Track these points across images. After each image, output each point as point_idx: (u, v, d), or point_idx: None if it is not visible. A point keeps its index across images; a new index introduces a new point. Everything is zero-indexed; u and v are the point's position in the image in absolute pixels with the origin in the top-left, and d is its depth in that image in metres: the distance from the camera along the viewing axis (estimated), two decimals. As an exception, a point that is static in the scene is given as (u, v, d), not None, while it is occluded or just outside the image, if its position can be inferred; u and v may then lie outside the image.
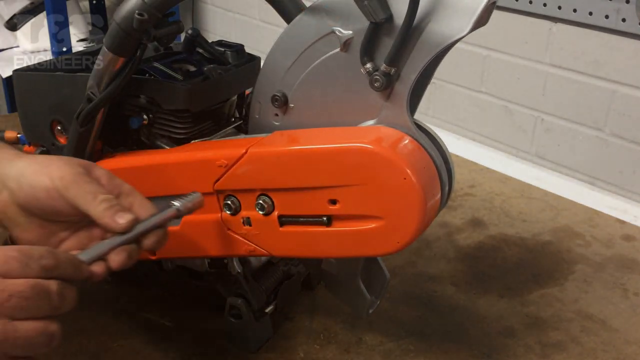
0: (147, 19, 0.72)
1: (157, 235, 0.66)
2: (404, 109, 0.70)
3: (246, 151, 0.74)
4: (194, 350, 0.92)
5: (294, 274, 0.97)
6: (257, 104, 0.80)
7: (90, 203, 0.63)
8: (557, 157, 1.54)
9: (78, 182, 0.64)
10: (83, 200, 0.63)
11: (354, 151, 0.68)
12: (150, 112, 0.85)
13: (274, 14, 0.79)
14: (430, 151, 0.70)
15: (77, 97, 0.83)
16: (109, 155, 0.90)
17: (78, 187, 0.64)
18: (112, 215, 0.63)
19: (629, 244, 1.21)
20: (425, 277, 1.10)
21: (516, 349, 0.94)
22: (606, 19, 1.33)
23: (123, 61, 0.78)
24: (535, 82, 1.52)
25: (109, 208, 0.63)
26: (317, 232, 0.74)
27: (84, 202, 0.63)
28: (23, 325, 0.54)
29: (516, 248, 1.20)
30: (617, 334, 0.97)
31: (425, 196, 0.66)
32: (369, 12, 0.66)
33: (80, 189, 0.64)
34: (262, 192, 0.75)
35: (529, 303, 1.04)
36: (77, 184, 0.64)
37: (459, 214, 1.30)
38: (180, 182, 0.81)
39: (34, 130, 0.94)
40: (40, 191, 0.64)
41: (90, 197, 0.63)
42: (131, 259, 0.63)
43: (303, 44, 0.74)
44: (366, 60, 0.69)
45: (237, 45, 0.92)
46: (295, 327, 0.97)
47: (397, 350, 0.93)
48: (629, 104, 1.38)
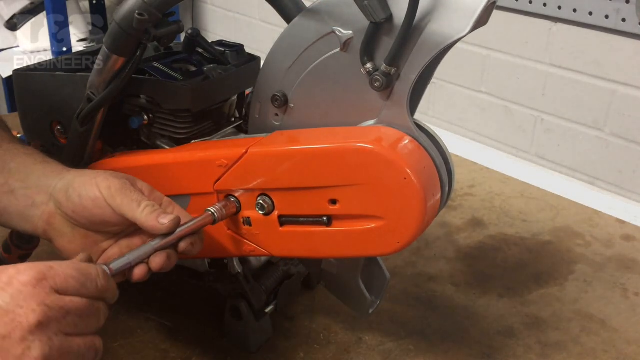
0: (147, 19, 0.72)
1: (193, 239, 0.70)
2: (404, 109, 0.70)
3: (246, 151, 0.74)
4: (194, 350, 0.92)
5: (294, 274, 0.96)
6: (257, 104, 0.80)
7: (136, 210, 0.67)
8: (557, 157, 1.54)
9: (124, 191, 0.68)
10: (129, 207, 0.68)
11: (354, 151, 0.68)
12: (150, 112, 0.85)
13: (274, 14, 0.79)
14: (431, 151, 0.70)
15: (77, 97, 0.83)
16: (109, 155, 0.90)
17: (124, 196, 0.68)
18: (156, 218, 0.67)
19: (629, 244, 1.21)
20: (425, 277, 1.10)
21: (516, 348, 0.94)
22: (606, 19, 1.33)
23: (123, 61, 0.78)
24: (535, 82, 1.52)
25: (152, 212, 0.67)
26: (317, 232, 0.74)
27: (130, 209, 0.67)
28: (76, 341, 0.57)
29: (516, 248, 1.20)
30: (617, 334, 0.97)
31: (426, 196, 0.66)
32: (369, 12, 0.66)
33: (126, 197, 0.68)
34: (262, 192, 0.75)
35: (529, 303, 1.04)
36: (123, 193, 0.68)
37: (459, 214, 1.30)
38: (181, 182, 0.81)
39: (34, 130, 0.93)
40: (88, 200, 0.69)
41: (135, 204, 0.68)
42: (170, 261, 0.68)
43: (303, 44, 0.74)
44: (366, 60, 0.69)
45: (237, 45, 0.92)
46: (295, 327, 0.97)
47: (397, 350, 0.93)
48: (629, 104, 1.38)
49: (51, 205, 0.72)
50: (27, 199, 0.72)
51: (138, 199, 0.68)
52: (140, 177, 0.83)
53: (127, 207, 0.68)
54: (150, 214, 0.67)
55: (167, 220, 0.67)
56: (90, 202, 0.69)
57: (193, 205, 0.81)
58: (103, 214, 0.69)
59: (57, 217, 0.72)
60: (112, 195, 0.68)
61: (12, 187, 0.73)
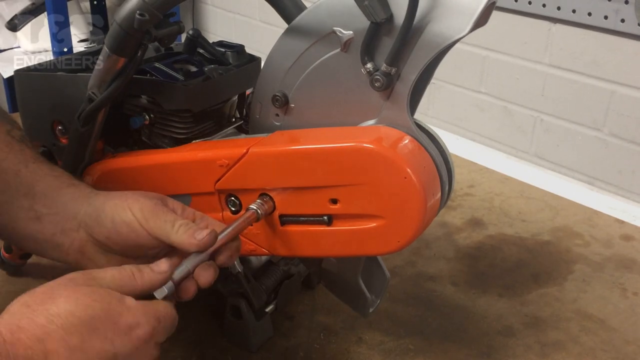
0: (148, 20, 0.72)
1: (231, 250, 0.68)
2: (404, 109, 0.70)
3: (247, 151, 0.75)
4: (194, 350, 0.93)
5: (294, 273, 0.97)
6: (258, 104, 0.80)
7: (170, 230, 0.65)
8: (557, 157, 1.54)
9: (157, 213, 0.66)
10: (163, 229, 0.65)
11: (355, 151, 0.68)
12: (151, 112, 0.86)
13: (274, 14, 0.79)
14: (431, 151, 0.70)
15: (78, 97, 0.83)
16: (109, 155, 0.90)
17: (157, 218, 0.66)
18: (192, 235, 0.65)
19: (628, 244, 1.22)
20: (425, 277, 1.10)
21: (515, 348, 0.94)
22: (605, 19, 1.33)
23: (124, 61, 0.78)
24: (534, 83, 1.53)
25: (187, 231, 0.65)
26: (317, 232, 0.74)
27: (164, 232, 0.65)
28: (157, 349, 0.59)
29: (515, 248, 1.20)
30: (616, 334, 0.98)
31: (426, 196, 0.67)
32: (369, 12, 0.66)
33: (159, 219, 0.66)
34: (263, 191, 0.75)
35: (528, 303, 1.04)
36: (155, 214, 0.66)
37: (458, 213, 1.31)
38: (182, 181, 0.81)
39: (35, 130, 0.94)
40: (122, 225, 0.66)
41: (169, 225, 0.65)
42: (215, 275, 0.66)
43: (303, 44, 0.74)
44: (367, 60, 0.69)
45: (238, 46, 0.92)
46: (295, 327, 0.97)
47: (397, 350, 0.93)
48: (628, 104, 1.38)
49: (82, 233, 0.68)
50: (55, 226, 0.69)
51: (171, 220, 0.66)
52: (141, 177, 0.83)
53: (161, 228, 0.65)
54: (186, 233, 0.65)
55: (203, 236, 0.64)
56: (124, 227, 0.66)
57: (194, 205, 0.81)
58: (137, 238, 0.66)
59: (89, 245, 0.69)
60: (144, 217, 0.66)
61: (39, 212, 0.69)
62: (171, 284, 0.62)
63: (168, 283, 0.62)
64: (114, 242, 0.67)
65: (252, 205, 0.73)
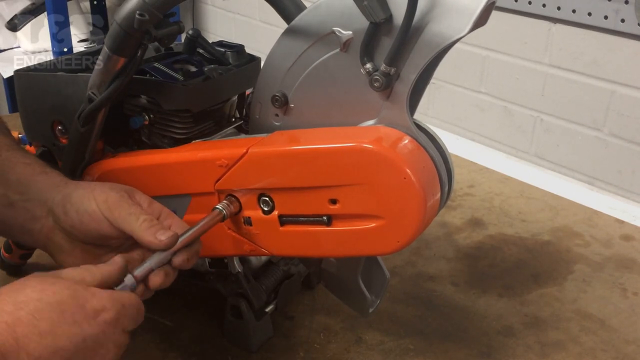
0: (147, 19, 0.72)
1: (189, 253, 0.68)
2: (404, 109, 0.70)
3: (247, 151, 0.75)
4: (194, 350, 0.93)
5: (294, 273, 0.97)
6: (258, 104, 0.80)
7: (133, 223, 0.66)
8: (557, 157, 1.54)
9: (121, 205, 0.67)
10: (126, 221, 0.66)
11: (354, 151, 0.68)
12: (151, 112, 0.86)
13: (274, 14, 0.79)
14: (430, 151, 0.70)
15: (78, 97, 0.83)
16: (109, 155, 0.90)
17: (121, 209, 0.67)
18: (153, 234, 0.66)
19: (628, 244, 1.22)
20: (425, 277, 1.10)
21: (515, 348, 0.94)
22: (605, 19, 1.33)
23: (124, 61, 0.78)
24: (534, 83, 1.53)
25: (150, 227, 0.66)
26: (317, 232, 0.74)
27: (127, 223, 0.66)
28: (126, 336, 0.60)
29: (515, 248, 1.20)
30: (616, 334, 0.98)
31: (425, 196, 0.67)
32: (368, 12, 0.66)
33: (123, 211, 0.67)
34: (263, 191, 0.76)
35: (528, 303, 1.04)
36: (120, 206, 0.67)
37: (458, 213, 1.31)
38: (181, 181, 0.81)
39: (35, 130, 0.94)
40: (85, 215, 0.68)
41: (133, 218, 0.66)
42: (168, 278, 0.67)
43: (303, 44, 0.74)
44: (366, 61, 0.69)
45: (238, 46, 0.92)
46: (295, 327, 0.97)
47: (397, 350, 0.93)
48: (628, 104, 1.38)
49: (50, 220, 0.71)
50: (26, 212, 0.71)
51: (136, 212, 0.67)
52: (141, 177, 0.83)
53: (125, 221, 0.66)
54: (148, 229, 0.66)
55: (165, 237, 0.65)
56: (87, 217, 0.68)
57: (194, 205, 0.81)
58: (100, 228, 0.68)
59: (56, 232, 0.71)
60: (109, 208, 0.67)
61: (12, 199, 0.72)
62: (132, 279, 0.64)
63: (128, 277, 0.63)
64: (78, 231, 0.69)
65: (218, 205, 0.74)
